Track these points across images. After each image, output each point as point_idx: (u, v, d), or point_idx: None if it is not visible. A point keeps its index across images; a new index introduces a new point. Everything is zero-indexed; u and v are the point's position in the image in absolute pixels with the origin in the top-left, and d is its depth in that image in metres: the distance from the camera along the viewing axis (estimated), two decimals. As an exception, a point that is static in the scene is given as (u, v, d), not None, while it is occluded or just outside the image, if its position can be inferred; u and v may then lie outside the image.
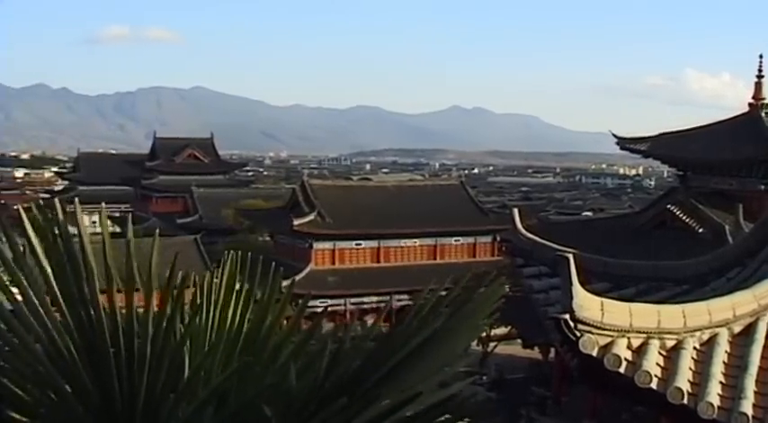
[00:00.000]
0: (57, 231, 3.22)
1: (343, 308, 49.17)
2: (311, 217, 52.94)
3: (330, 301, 45.54)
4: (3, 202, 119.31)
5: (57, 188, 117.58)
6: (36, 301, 3.16)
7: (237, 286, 3.64)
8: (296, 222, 51.69)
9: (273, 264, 3.67)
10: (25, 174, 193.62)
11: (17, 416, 3.10)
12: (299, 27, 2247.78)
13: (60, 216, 3.24)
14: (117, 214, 74.61)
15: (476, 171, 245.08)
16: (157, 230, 4.24)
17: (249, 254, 3.87)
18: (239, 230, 65.04)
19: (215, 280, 3.65)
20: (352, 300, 50.48)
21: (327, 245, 53.65)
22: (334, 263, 53.90)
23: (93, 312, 3.11)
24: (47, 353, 3.11)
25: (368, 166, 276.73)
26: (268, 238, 61.99)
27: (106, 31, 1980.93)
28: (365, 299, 51.06)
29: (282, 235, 56.22)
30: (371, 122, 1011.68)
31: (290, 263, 43.83)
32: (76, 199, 3.76)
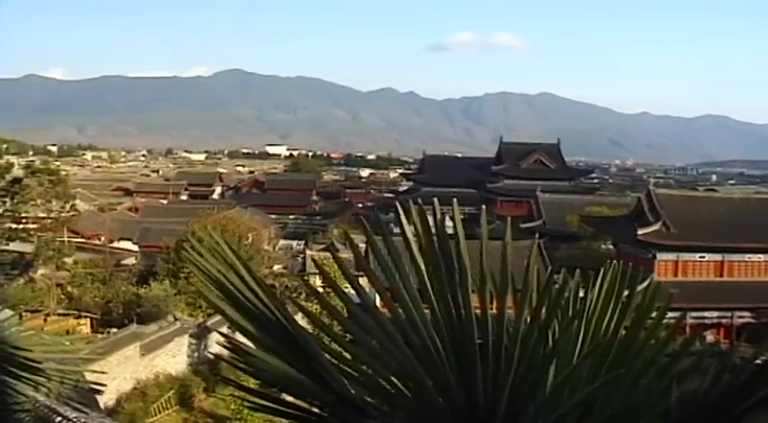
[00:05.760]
0: (433, 230, 3.27)
1: (683, 322, 48.44)
2: (656, 227, 52.35)
3: (670, 314, 44.97)
4: (347, 199, 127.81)
5: (401, 188, 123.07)
6: (406, 297, 3.23)
7: (614, 297, 3.58)
8: (640, 232, 51.45)
9: (652, 276, 3.83)
10: (370, 173, 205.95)
11: (377, 402, 3.18)
12: (646, 33, 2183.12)
13: (438, 215, 3.31)
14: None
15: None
16: (537, 235, 5.51)
17: (621, 264, 3.74)
18: (582, 237, 65.43)
19: (593, 289, 3.62)
20: (693, 314, 48.24)
21: (671, 256, 52.57)
22: (676, 275, 52.38)
23: (464, 313, 3.13)
24: (411, 347, 3.15)
25: (714, 177, 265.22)
26: (611, 247, 61.54)
27: (453, 38, 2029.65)
28: (706, 313, 49.45)
29: (625, 244, 55.74)
30: (719, 131, 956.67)
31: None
32: (454, 199, 3.40)
